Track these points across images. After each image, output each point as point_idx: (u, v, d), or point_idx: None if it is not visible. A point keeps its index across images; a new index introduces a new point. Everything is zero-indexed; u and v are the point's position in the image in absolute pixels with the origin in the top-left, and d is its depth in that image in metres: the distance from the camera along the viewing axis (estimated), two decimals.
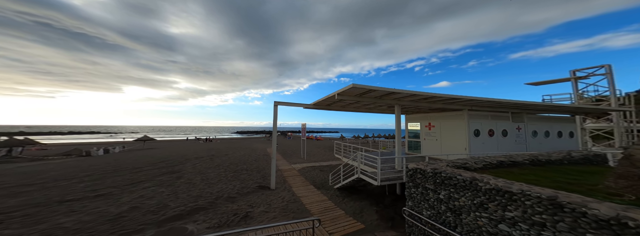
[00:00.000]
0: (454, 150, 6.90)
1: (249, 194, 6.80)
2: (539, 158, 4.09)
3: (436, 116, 7.97)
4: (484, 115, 7.09)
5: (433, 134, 7.94)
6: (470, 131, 6.66)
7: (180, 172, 9.79)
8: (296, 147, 22.22)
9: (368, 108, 8.87)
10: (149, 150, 21.65)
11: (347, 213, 5.09)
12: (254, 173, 9.81)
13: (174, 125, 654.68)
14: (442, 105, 6.64)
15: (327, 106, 8.39)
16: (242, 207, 5.58)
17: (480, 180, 2.47)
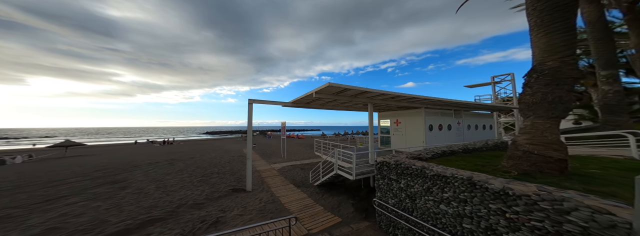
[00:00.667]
0: (414, 143, 8.04)
1: (220, 198, 6.31)
2: (468, 147, 5.09)
3: (402, 113, 9.04)
4: (436, 112, 8.47)
5: (400, 130, 9.04)
6: (426, 126, 7.89)
7: (126, 181, 8.22)
8: (276, 146, 21.59)
9: (345, 106, 9.31)
10: (77, 157, 16.83)
11: (325, 208, 5.30)
12: (227, 176, 9.08)
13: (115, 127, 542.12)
14: (406, 104, 7.62)
15: (307, 104, 8.37)
16: (212, 213, 5.15)
17: (427, 168, 2.91)
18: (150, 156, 15.32)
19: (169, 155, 15.39)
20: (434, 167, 2.92)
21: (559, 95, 2.63)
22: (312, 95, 5.48)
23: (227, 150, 18.64)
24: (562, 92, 2.64)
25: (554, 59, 2.66)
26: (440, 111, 8.72)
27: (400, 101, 7.15)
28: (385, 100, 6.86)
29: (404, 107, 8.77)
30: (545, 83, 2.70)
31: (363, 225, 4.25)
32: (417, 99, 6.83)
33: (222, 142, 31.83)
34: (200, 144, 26.63)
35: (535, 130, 2.76)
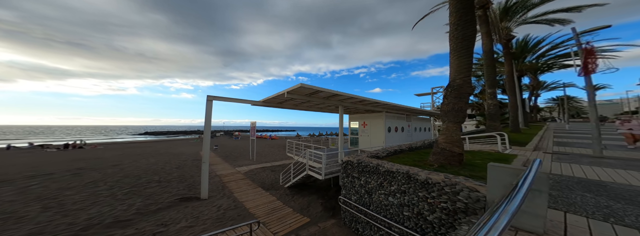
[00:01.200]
0: (377, 143, 9.17)
1: (160, 211, 5.14)
2: (412, 146, 5.74)
3: (369, 116, 10.15)
4: (393, 116, 9.95)
5: (366, 131, 10.10)
6: (386, 128, 9.19)
7: None
8: (244, 147, 19.66)
9: (319, 107, 9.60)
10: None
11: (294, 210, 5.24)
12: (174, 184, 7.49)
13: None
14: (371, 107, 8.65)
15: (279, 104, 8.09)
16: (145, 229, 4.12)
17: (381, 165, 3.28)
18: (35, 166, 10.57)
19: (74, 164, 11.21)
20: (385, 164, 3.32)
21: (460, 106, 3.47)
22: (283, 95, 5.42)
23: (176, 154, 15.34)
24: (462, 104, 3.48)
25: (460, 77, 3.47)
26: (397, 115, 10.33)
27: (366, 105, 7.98)
28: (354, 103, 7.55)
29: (370, 111, 9.91)
30: (454, 96, 3.49)
31: (329, 222, 4.43)
32: (379, 104, 7.91)
33: (170, 144, 25.90)
34: (135, 147, 20.58)
35: (448, 132, 3.51)
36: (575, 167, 3.68)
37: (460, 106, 3.43)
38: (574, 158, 4.55)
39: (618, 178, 2.99)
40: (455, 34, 3.53)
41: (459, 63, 3.47)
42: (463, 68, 3.44)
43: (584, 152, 5.32)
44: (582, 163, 4.05)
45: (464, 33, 3.44)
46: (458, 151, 3.31)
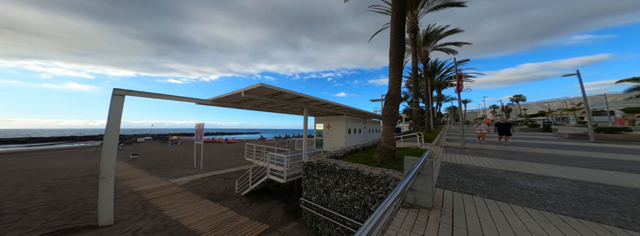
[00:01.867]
0: (339, 144, 10.11)
1: None
2: (365, 145, 6.48)
3: (332, 119, 10.97)
4: (353, 119, 11.35)
5: (330, 133, 10.84)
6: (347, 130, 10.31)
7: None
8: (185, 154, 15.95)
9: (284, 109, 9.30)
10: None
11: (252, 218, 4.88)
12: (36, 215, 4.85)
13: None
14: (334, 110, 9.41)
15: (237, 104, 7.15)
16: None
17: (337, 164, 3.61)
18: None
19: None
20: (341, 163, 3.67)
21: (394, 111, 4.32)
22: (240, 94, 4.94)
23: (50, 171, 10.00)
24: (395, 110, 4.34)
25: (394, 88, 4.31)
26: (355, 118, 11.84)
27: (329, 108, 8.61)
28: (318, 106, 7.92)
29: (333, 113, 10.72)
30: (391, 103, 4.31)
31: (291, 226, 4.44)
32: (340, 107, 8.74)
33: (44, 155, 16.42)
34: None
35: (387, 133, 4.27)
36: (452, 156, 5.68)
37: (394, 111, 4.37)
38: (452, 150, 6.99)
39: (470, 162, 4.86)
40: (392, 51, 4.45)
41: (394, 76, 4.41)
42: (397, 80, 4.40)
43: (457, 145, 8.26)
44: (454, 153, 6.26)
45: (397, 51, 4.38)
46: (392, 148, 4.24)
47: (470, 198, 2.45)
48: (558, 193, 2.58)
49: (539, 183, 3.00)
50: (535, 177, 3.36)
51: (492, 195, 2.53)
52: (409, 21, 11.85)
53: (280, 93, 5.39)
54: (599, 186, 2.83)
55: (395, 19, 4.45)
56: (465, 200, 2.41)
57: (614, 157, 5.23)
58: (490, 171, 3.78)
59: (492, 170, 3.88)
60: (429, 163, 2.28)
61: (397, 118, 4.56)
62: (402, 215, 2.06)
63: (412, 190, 2.32)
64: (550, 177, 3.32)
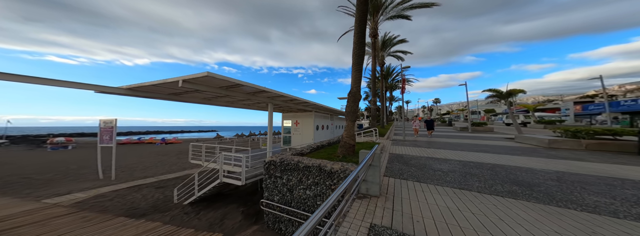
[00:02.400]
0: (307, 140, 10.16)
1: None
2: (331, 141, 7.06)
3: (301, 115, 10.78)
4: (321, 115, 11.67)
5: (298, 129, 10.65)
6: (315, 126, 10.48)
7: None
8: (84, 161, 11.43)
9: (245, 104, 8.18)
10: None
11: (198, 229, 4.20)
12: None
13: None
14: (302, 107, 9.25)
15: (174, 96, 5.60)
16: None
17: (301, 161, 3.59)
18: None
19: None
20: (305, 160, 3.69)
21: (355, 108, 4.64)
22: (177, 83, 3.89)
23: None
24: (356, 107, 4.66)
25: (355, 87, 4.60)
26: (323, 115, 12.22)
27: (297, 104, 8.34)
28: (285, 102, 7.51)
29: (302, 110, 10.54)
30: (352, 100, 4.60)
31: (251, 230, 4.14)
32: (309, 104, 8.70)
33: None
34: None
35: (348, 129, 4.58)
36: (396, 147, 7.04)
37: (355, 108, 4.74)
38: (397, 142, 8.70)
39: (407, 152, 6.19)
40: (355, 51, 4.77)
41: (356, 75, 4.75)
42: (358, 79, 4.76)
43: (400, 138, 10.38)
44: (398, 145, 7.82)
45: (359, 51, 4.73)
46: (353, 143, 4.65)
47: (405, 183, 3.09)
48: (452, 171, 3.68)
49: (443, 165, 4.17)
50: (441, 160, 4.67)
51: (419, 179, 3.29)
52: (370, 26, 13.02)
53: (237, 86, 4.65)
54: (470, 164, 4.31)
55: (358, 21, 4.69)
56: (402, 185, 3.00)
57: (478, 142, 8.15)
58: (419, 158, 4.93)
59: (420, 157, 5.09)
60: (378, 156, 2.64)
61: (358, 115, 5.01)
62: (356, 206, 2.30)
63: (365, 181, 2.64)
64: (448, 160, 4.69)
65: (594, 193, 2.52)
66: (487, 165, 4.10)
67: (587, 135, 6.14)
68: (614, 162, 4.27)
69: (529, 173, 3.46)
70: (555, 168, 3.76)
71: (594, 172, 3.53)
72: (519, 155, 5.19)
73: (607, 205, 2.14)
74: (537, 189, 2.66)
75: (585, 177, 3.22)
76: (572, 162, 4.33)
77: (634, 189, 2.62)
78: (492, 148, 6.29)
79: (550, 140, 6.53)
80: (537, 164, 4.11)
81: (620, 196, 2.40)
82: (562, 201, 2.24)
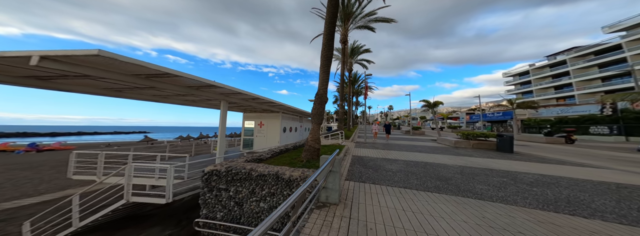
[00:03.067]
0: (273, 143, 9.21)
1: None
2: (297, 144, 6.71)
3: (266, 116, 9.71)
4: (289, 117, 11.01)
5: (263, 131, 9.51)
6: (282, 128, 9.70)
7: None
8: None
9: (189, 100, 6.49)
10: None
11: None
12: None
13: None
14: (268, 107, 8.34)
15: (39, 81, 3.63)
16: None
17: (254, 169, 3.07)
18: None
19: None
20: (260, 167, 3.20)
21: (320, 111, 4.42)
22: (29, 59, 2.38)
23: None
24: (322, 109, 4.46)
25: (322, 88, 4.48)
26: (291, 116, 11.59)
27: (261, 103, 7.41)
28: (244, 100, 6.47)
29: (267, 110, 9.52)
30: (318, 102, 4.46)
31: None
32: (275, 104, 7.92)
33: None
34: None
35: (313, 132, 4.37)
36: (359, 150, 7.49)
37: (321, 111, 4.61)
38: (360, 145, 9.39)
39: (367, 154, 6.62)
40: (323, 52, 4.70)
41: (323, 77, 4.66)
42: (325, 81, 4.68)
43: (362, 140, 11.33)
44: (360, 147, 8.38)
45: (327, 53, 4.68)
46: (318, 147, 4.44)
47: (363, 187, 3.12)
48: (399, 171, 4.09)
49: (392, 165, 4.65)
50: (392, 161, 5.24)
51: (374, 180, 3.42)
52: (341, 32, 13.81)
53: (167, 76, 3.47)
54: (411, 163, 5.07)
55: (328, 23, 4.66)
56: (360, 189, 3.01)
57: (415, 143, 10.06)
58: (375, 160, 5.34)
59: (376, 159, 5.55)
60: (338, 161, 2.51)
61: (323, 117, 4.87)
62: (314, 217, 2.03)
63: (325, 189, 2.43)
64: (397, 160, 5.31)
65: (480, 182, 3.37)
66: (421, 163, 4.91)
67: (472, 137, 8.67)
68: (487, 156, 6.11)
69: (445, 168, 4.36)
70: (459, 164, 4.93)
71: (477, 165, 4.85)
72: (439, 153, 6.59)
73: (486, 191, 2.87)
74: (451, 182, 3.32)
75: (474, 169, 4.34)
76: (466, 157, 5.86)
77: (498, 177, 3.72)
78: (424, 149, 7.79)
79: (456, 141, 8.78)
80: (449, 161, 5.29)
81: (492, 183, 3.32)
82: (465, 192, 2.84)
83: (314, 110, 4.64)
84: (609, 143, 12.40)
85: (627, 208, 2.25)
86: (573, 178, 3.68)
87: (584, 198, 2.61)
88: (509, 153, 6.82)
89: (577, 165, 5.10)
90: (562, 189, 2.97)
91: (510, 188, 2.98)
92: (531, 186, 3.09)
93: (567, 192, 2.84)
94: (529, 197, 2.57)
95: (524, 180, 3.45)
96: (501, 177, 3.63)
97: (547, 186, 3.13)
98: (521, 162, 5.36)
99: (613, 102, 14.55)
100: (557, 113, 20.52)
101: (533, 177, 3.67)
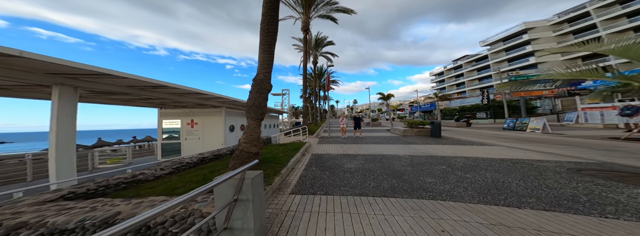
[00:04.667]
0: (213, 146, 7.12)
1: None
2: (234, 148, 5.07)
3: (200, 112, 7.38)
4: (237, 112, 8.92)
5: (196, 132, 7.17)
6: (227, 127, 7.71)
7: None
8: None
9: None
10: None
11: None
12: None
13: None
14: (201, 101, 6.21)
15: None
16: None
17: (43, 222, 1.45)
18: None
19: None
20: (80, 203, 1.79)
21: (260, 101, 3.29)
22: None
23: None
24: (262, 99, 3.31)
25: (263, 72, 3.38)
26: (240, 112, 9.54)
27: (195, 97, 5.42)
28: (168, 94, 4.28)
29: (204, 105, 7.21)
30: (256, 90, 3.31)
31: None
32: (211, 97, 5.91)
33: None
34: None
35: (249, 130, 3.24)
36: (321, 146, 6.76)
37: (260, 102, 3.38)
38: (323, 140, 8.76)
39: (328, 151, 6.03)
40: (263, 27, 3.50)
41: (263, 57, 3.48)
42: (266, 63, 3.48)
43: (326, 135, 10.75)
44: (323, 143, 7.72)
45: (269, 27, 3.49)
46: (255, 151, 3.23)
47: (311, 203, 2.29)
48: (357, 170, 3.54)
49: (352, 163, 4.11)
50: (351, 157, 4.79)
51: (328, 189, 2.69)
52: (303, 20, 12.50)
53: None
54: (369, 157, 4.84)
55: None
56: (306, 208, 2.14)
57: (374, 134, 10.51)
58: (335, 158, 4.70)
59: (336, 156, 4.94)
60: (257, 184, 1.47)
61: (265, 111, 3.70)
62: None
63: (228, 231, 1.39)
64: (356, 156, 4.91)
65: (427, 174, 3.21)
66: (378, 157, 4.68)
67: (414, 126, 9.99)
68: (426, 143, 6.83)
69: (398, 161, 4.27)
70: (408, 153, 5.03)
71: (422, 152, 5.12)
72: (392, 143, 6.87)
73: (435, 185, 2.73)
74: (404, 178, 3.08)
75: (420, 158, 4.49)
76: (412, 145, 6.29)
77: (438, 164, 3.79)
78: (381, 139, 8.08)
79: (404, 130, 9.68)
80: (401, 151, 5.37)
81: (436, 173, 3.23)
82: (418, 190, 2.58)
83: (249, 101, 3.37)
84: (486, 124, 17.84)
85: (533, 188, 2.52)
86: (485, 158, 4.32)
87: (504, 181, 2.85)
88: (439, 138, 8.01)
89: (480, 144, 6.34)
90: (485, 172, 3.26)
91: (451, 178, 3.02)
92: (464, 172, 3.26)
93: (490, 175, 3.10)
94: (469, 188, 2.58)
95: (457, 166, 3.71)
96: (441, 165, 3.81)
97: (474, 170, 3.39)
98: (448, 145, 6.18)
99: (487, 93, 21.30)
100: (459, 103, 28.10)
101: (461, 161, 4.04)
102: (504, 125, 12.23)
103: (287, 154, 4.60)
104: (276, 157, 4.30)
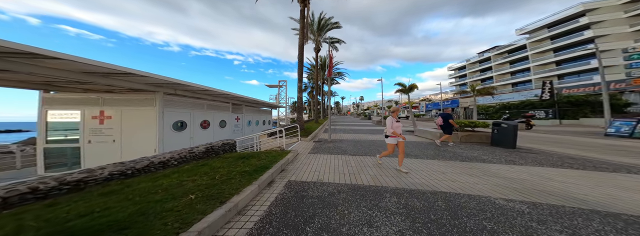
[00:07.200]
0: (141, 152, 4.45)
1: None
2: (214, 147, 3.69)
3: (116, 100, 4.70)
4: (197, 103, 6.17)
5: (108, 131, 4.54)
6: (166, 122, 4.89)
7: None
8: None
9: None
10: None
11: None
12: None
13: None
14: (121, 82, 3.54)
15: None
16: None
17: None
18: None
19: None
20: None
21: None
22: None
23: None
24: None
25: None
26: (210, 104, 6.91)
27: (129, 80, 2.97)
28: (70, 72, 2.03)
29: (132, 90, 4.54)
30: None
31: None
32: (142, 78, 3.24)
33: None
34: None
35: None
36: (313, 157, 4.29)
37: None
38: (320, 145, 6.04)
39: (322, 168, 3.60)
40: None
41: None
42: None
43: (326, 138, 7.64)
44: (319, 152, 5.08)
45: None
46: None
47: None
48: None
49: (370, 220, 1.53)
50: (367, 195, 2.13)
51: None
52: None
53: None
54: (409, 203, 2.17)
55: None
56: None
57: None
58: (330, 199, 2.05)
59: (334, 191, 2.27)
60: None
61: None
62: None
63: None
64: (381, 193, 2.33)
65: None
66: (433, 204, 2.00)
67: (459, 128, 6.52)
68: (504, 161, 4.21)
69: (505, 219, 1.64)
70: (502, 190, 2.53)
71: (530, 190, 2.63)
72: (441, 159, 3.99)
73: None
74: None
75: (544, 208, 1.94)
76: (482, 165, 3.59)
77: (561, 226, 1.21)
78: (411, 150, 5.01)
79: (439, 133, 5.98)
80: (483, 184, 2.70)
81: None
82: None
83: None
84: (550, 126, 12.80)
85: None
86: None
87: None
88: (512, 149, 4.90)
89: (596, 166, 3.44)
90: None
91: None
92: None
93: None
94: None
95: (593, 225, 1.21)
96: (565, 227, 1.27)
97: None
98: (543, 168, 3.33)
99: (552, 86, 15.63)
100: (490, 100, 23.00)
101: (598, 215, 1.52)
102: (607, 129, 8.12)
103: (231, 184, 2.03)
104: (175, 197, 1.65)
